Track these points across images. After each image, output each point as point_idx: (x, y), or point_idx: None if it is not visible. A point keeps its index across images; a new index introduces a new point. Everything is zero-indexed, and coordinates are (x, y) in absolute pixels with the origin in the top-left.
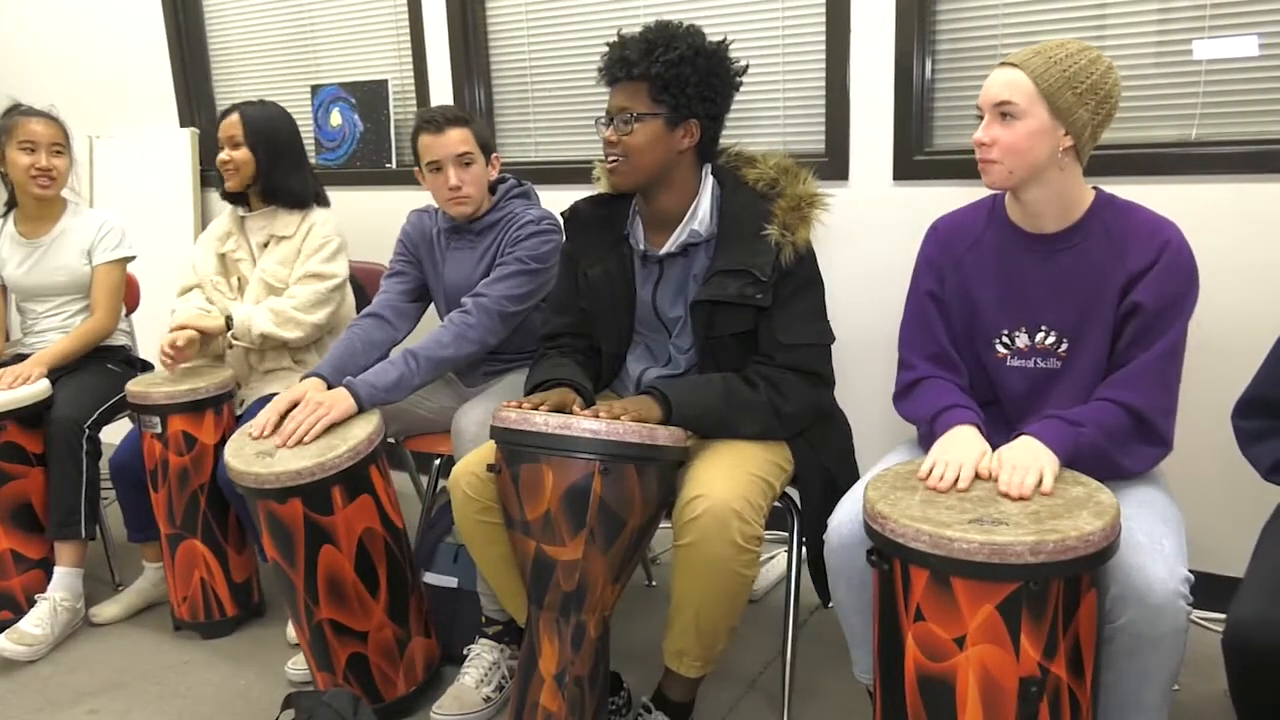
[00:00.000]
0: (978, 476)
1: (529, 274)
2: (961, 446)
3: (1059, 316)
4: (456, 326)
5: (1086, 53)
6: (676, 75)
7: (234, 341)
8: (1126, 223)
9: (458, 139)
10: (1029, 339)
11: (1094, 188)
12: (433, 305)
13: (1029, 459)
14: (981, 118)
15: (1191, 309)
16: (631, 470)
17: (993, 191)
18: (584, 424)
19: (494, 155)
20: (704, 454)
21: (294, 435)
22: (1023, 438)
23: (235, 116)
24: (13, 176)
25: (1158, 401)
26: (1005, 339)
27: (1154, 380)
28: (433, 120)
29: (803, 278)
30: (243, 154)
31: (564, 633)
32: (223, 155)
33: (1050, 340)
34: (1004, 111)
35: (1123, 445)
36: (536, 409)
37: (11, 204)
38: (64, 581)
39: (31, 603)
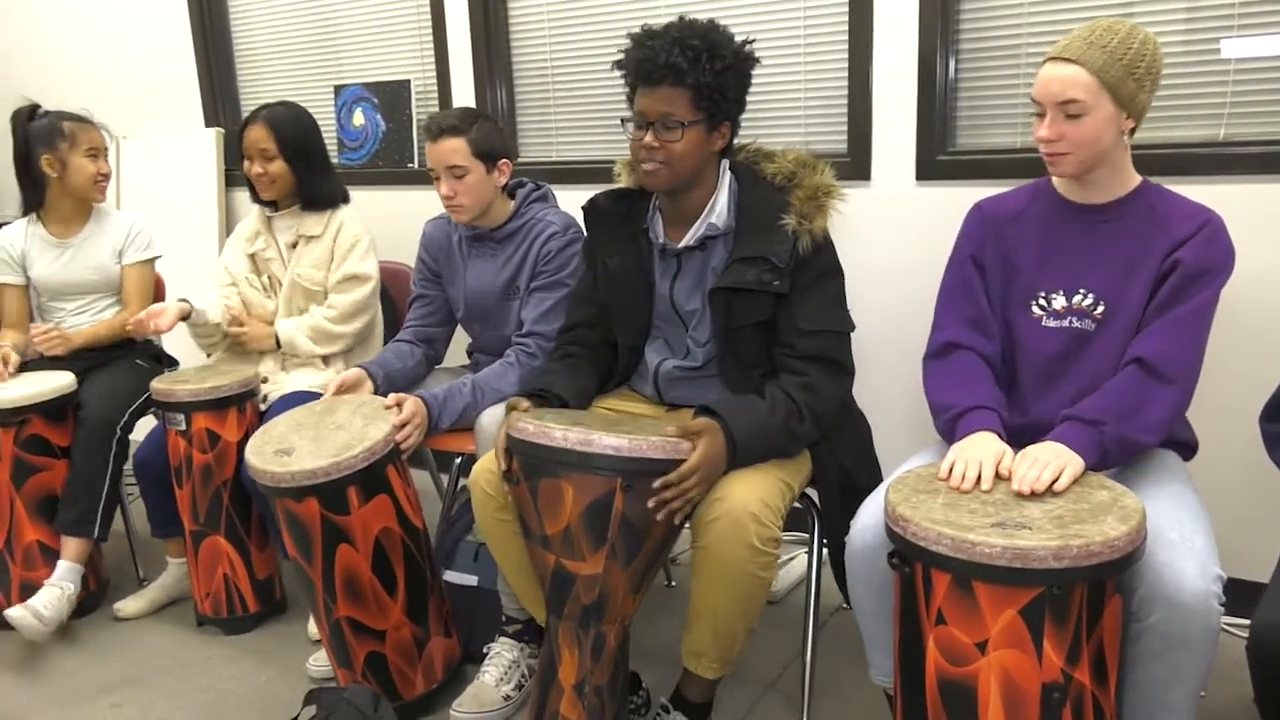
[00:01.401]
0: (999, 476)
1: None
2: (982, 446)
3: (1098, 280)
4: (523, 369)
5: (1135, 34)
6: (721, 84)
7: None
8: (1169, 204)
9: (448, 150)
10: (1066, 300)
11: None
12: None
13: (1051, 456)
14: (1041, 113)
15: (1224, 281)
16: (653, 486)
17: (1032, 181)
18: (606, 440)
19: (502, 161)
20: None
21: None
22: (1048, 442)
23: (262, 128)
24: (76, 182)
25: (1176, 350)
26: (1042, 300)
27: (1173, 332)
28: (428, 128)
29: (822, 266)
30: (278, 167)
31: (584, 643)
32: (256, 169)
33: (1088, 302)
34: (1070, 111)
35: (1141, 416)
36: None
37: (37, 204)
38: (69, 575)
39: None
